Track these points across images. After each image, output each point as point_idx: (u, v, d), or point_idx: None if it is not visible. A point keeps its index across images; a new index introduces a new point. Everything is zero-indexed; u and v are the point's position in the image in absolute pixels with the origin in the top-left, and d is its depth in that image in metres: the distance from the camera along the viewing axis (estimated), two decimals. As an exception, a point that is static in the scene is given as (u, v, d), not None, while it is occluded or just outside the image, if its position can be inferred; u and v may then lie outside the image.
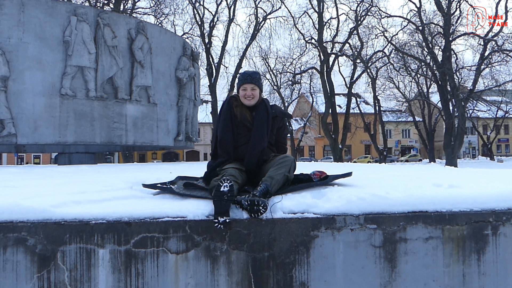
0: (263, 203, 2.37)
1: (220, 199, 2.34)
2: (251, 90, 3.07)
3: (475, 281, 2.66)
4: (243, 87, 3.08)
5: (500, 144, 58.42)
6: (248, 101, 3.08)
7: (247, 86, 3.07)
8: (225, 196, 2.34)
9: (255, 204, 2.36)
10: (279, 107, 3.28)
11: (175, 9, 30.41)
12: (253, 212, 2.38)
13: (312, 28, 29.92)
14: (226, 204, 2.35)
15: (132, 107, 9.17)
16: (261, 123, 3.02)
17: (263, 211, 2.38)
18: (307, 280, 2.47)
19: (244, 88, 3.08)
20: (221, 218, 2.31)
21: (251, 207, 2.37)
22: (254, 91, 3.08)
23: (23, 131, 7.91)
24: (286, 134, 3.36)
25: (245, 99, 3.07)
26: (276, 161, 2.86)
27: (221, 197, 2.34)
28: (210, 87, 28.27)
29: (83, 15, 8.45)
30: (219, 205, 2.34)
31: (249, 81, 3.07)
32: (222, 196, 2.34)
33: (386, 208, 2.61)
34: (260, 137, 2.98)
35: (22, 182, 3.78)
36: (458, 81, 27.34)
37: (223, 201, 2.34)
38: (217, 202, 2.34)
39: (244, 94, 3.07)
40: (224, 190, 2.34)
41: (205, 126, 47.03)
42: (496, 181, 3.68)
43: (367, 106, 45.34)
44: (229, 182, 2.37)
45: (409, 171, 5.11)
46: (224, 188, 2.34)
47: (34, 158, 43.69)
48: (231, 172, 2.74)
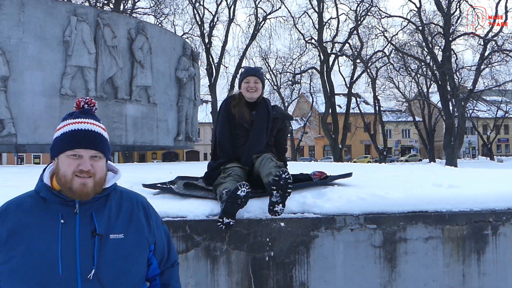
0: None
1: (233, 201, 2.32)
2: (254, 83, 3.01)
3: (475, 281, 2.66)
4: (246, 79, 3.03)
5: (500, 144, 58.41)
6: (250, 94, 3.01)
7: (251, 79, 3.02)
8: (239, 201, 2.32)
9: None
10: (281, 108, 3.24)
11: (175, 9, 30.32)
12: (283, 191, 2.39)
13: (312, 28, 29.95)
14: (237, 207, 2.34)
15: (132, 107, 9.17)
16: (260, 124, 2.98)
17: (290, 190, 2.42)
18: (307, 280, 2.47)
19: (247, 80, 3.02)
20: (226, 220, 2.31)
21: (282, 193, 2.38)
22: (257, 84, 3.02)
23: (23, 131, 7.90)
24: (286, 135, 3.34)
25: (248, 91, 3.01)
26: (261, 162, 2.77)
27: (235, 200, 2.32)
28: (210, 87, 28.28)
29: (83, 15, 8.44)
30: (230, 206, 2.32)
31: (252, 74, 3.03)
32: (237, 199, 2.32)
33: (386, 208, 2.61)
34: (259, 138, 2.95)
35: (22, 182, 3.78)
36: (458, 81, 27.33)
37: (235, 204, 2.32)
38: (229, 204, 2.32)
39: (247, 86, 3.01)
40: (240, 195, 2.32)
41: (205, 126, 47.02)
42: (496, 181, 3.68)
43: (367, 106, 45.30)
44: (247, 188, 2.34)
45: (409, 171, 5.11)
46: (241, 193, 2.32)
47: (34, 158, 43.69)
48: (236, 172, 2.72)
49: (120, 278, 1.36)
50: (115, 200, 1.47)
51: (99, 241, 1.34)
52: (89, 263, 1.31)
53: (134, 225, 1.45)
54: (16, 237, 1.32)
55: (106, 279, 1.32)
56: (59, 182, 1.38)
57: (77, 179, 1.36)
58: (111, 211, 1.42)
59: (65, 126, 1.43)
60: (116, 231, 1.39)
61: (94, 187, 1.38)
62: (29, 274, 1.28)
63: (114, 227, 1.39)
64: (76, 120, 1.43)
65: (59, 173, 1.38)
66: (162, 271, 1.56)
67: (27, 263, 1.28)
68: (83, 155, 1.37)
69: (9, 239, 1.32)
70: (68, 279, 1.28)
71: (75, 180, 1.35)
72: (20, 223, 1.34)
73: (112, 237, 1.37)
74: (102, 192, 1.42)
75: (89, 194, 1.37)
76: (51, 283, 1.28)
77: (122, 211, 1.45)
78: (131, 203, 1.50)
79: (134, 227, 1.44)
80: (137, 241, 1.43)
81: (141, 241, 1.45)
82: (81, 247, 1.32)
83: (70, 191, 1.35)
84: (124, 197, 1.50)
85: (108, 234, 1.37)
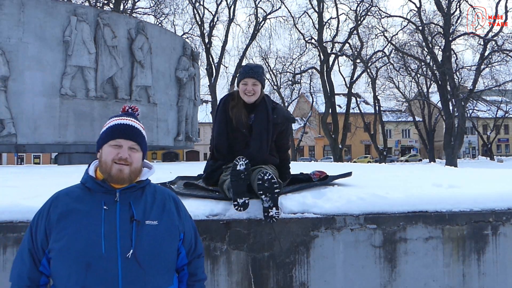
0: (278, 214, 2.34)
1: (237, 178, 2.26)
2: (252, 86, 2.77)
3: (475, 281, 2.66)
4: (244, 81, 2.79)
5: (500, 144, 58.41)
6: (247, 97, 2.79)
7: (249, 81, 2.77)
8: (242, 175, 2.27)
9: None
10: (282, 109, 2.99)
11: (175, 9, 30.45)
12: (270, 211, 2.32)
13: (312, 28, 29.95)
14: (243, 183, 2.29)
15: (132, 107, 9.17)
16: (260, 132, 2.78)
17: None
18: (307, 280, 2.47)
19: (245, 82, 2.78)
20: (240, 200, 2.26)
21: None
22: (256, 87, 2.78)
23: (23, 131, 7.91)
24: (288, 136, 3.10)
25: (245, 94, 2.79)
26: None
27: (238, 176, 2.26)
28: (210, 87, 28.28)
29: (83, 15, 8.44)
30: (237, 184, 2.27)
31: (250, 75, 2.77)
32: (239, 175, 2.27)
33: (386, 208, 2.61)
34: (260, 147, 2.77)
35: (22, 182, 3.78)
36: (458, 81, 27.33)
37: (240, 180, 2.27)
38: (235, 182, 2.26)
39: (244, 89, 2.78)
40: (241, 169, 2.26)
41: (205, 126, 47.02)
42: (496, 181, 3.68)
43: (367, 106, 45.31)
44: (244, 160, 2.29)
45: (409, 171, 5.11)
46: (240, 167, 2.27)
47: (34, 158, 43.69)
48: None
49: (154, 259, 1.56)
50: (150, 192, 1.69)
51: (136, 226, 1.55)
52: (128, 244, 1.52)
53: (167, 215, 1.66)
54: (66, 220, 1.53)
55: (142, 259, 1.52)
56: (101, 169, 1.62)
57: (116, 165, 1.59)
58: (147, 201, 1.64)
59: (110, 122, 1.70)
60: (151, 218, 1.60)
61: (130, 175, 1.61)
62: (76, 252, 1.48)
63: (149, 214, 1.61)
64: (119, 117, 1.71)
65: (102, 161, 1.62)
66: (189, 261, 1.75)
67: (74, 243, 1.49)
68: (123, 145, 1.62)
69: (60, 222, 1.53)
70: (110, 258, 1.49)
71: (114, 167, 1.59)
72: (69, 208, 1.55)
73: (147, 223, 1.59)
74: (138, 184, 1.64)
75: (125, 180, 1.60)
76: (95, 260, 1.48)
77: (156, 202, 1.67)
78: (164, 196, 1.72)
79: (167, 216, 1.66)
80: (169, 229, 1.64)
81: (173, 229, 1.66)
82: (121, 230, 1.53)
83: (109, 176, 1.59)
84: (158, 191, 1.73)
85: (144, 220, 1.58)
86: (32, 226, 1.58)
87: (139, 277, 1.52)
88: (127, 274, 1.49)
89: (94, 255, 1.48)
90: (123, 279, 1.49)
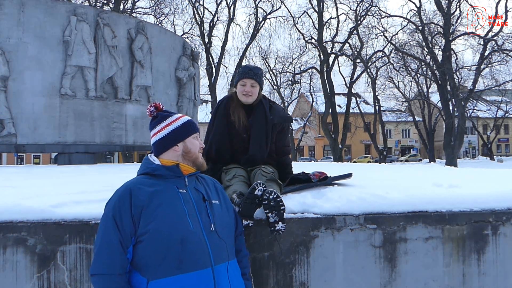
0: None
1: (251, 201, 2.21)
2: (251, 87, 2.76)
3: (475, 281, 2.66)
4: (242, 81, 2.78)
5: (500, 144, 58.41)
6: (245, 98, 2.78)
7: (247, 82, 2.76)
8: (257, 200, 2.22)
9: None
10: (280, 109, 2.95)
11: (175, 9, 30.37)
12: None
13: (312, 28, 29.96)
14: (254, 207, 2.24)
15: (132, 107, 9.16)
16: (259, 133, 2.77)
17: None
18: (307, 280, 2.47)
19: (243, 83, 2.77)
20: (245, 222, 2.21)
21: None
22: (254, 88, 2.77)
23: (23, 131, 7.90)
24: (286, 137, 3.04)
25: (243, 95, 2.77)
26: (254, 176, 2.67)
27: (253, 200, 2.21)
28: (210, 87, 28.29)
29: (83, 15, 8.44)
30: (249, 208, 2.21)
31: (249, 76, 2.76)
32: (255, 199, 2.21)
33: (386, 208, 2.61)
34: (259, 148, 2.76)
35: (22, 182, 3.78)
36: (458, 81, 27.34)
37: (253, 204, 2.22)
38: (248, 204, 2.21)
39: (242, 89, 2.77)
40: (258, 194, 2.21)
41: (205, 126, 46.81)
42: (496, 181, 3.68)
43: (367, 106, 45.29)
44: (263, 187, 2.24)
45: (409, 171, 5.11)
46: (258, 192, 2.21)
47: (34, 158, 43.65)
48: (240, 173, 2.66)
49: (226, 231, 1.87)
50: (202, 179, 1.99)
51: (209, 204, 1.85)
52: (206, 220, 1.79)
53: (221, 196, 1.99)
54: (152, 203, 1.74)
55: (220, 232, 1.82)
56: (189, 157, 1.92)
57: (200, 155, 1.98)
58: (204, 185, 1.95)
59: (176, 120, 1.97)
60: (214, 198, 1.91)
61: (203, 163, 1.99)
62: (169, 230, 1.70)
63: (211, 195, 1.91)
64: (178, 116, 2.00)
65: (190, 151, 1.93)
66: (235, 237, 1.99)
67: (165, 223, 1.71)
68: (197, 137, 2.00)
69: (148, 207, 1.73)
70: (197, 232, 1.74)
71: (200, 156, 1.97)
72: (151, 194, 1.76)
73: (214, 202, 1.89)
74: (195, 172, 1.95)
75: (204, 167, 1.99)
76: (187, 235, 1.72)
77: (209, 186, 1.97)
78: (212, 181, 2.04)
79: (222, 197, 1.98)
80: (227, 207, 1.98)
81: (229, 206, 2.01)
82: (199, 208, 1.80)
83: (194, 163, 1.93)
84: (206, 178, 2.03)
85: (211, 200, 1.88)
86: (115, 217, 1.71)
87: (222, 246, 1.80)
88: (214, 245, 1.76)
89: (185, 230, 1.72)
90: (212, 249, 1.74)
